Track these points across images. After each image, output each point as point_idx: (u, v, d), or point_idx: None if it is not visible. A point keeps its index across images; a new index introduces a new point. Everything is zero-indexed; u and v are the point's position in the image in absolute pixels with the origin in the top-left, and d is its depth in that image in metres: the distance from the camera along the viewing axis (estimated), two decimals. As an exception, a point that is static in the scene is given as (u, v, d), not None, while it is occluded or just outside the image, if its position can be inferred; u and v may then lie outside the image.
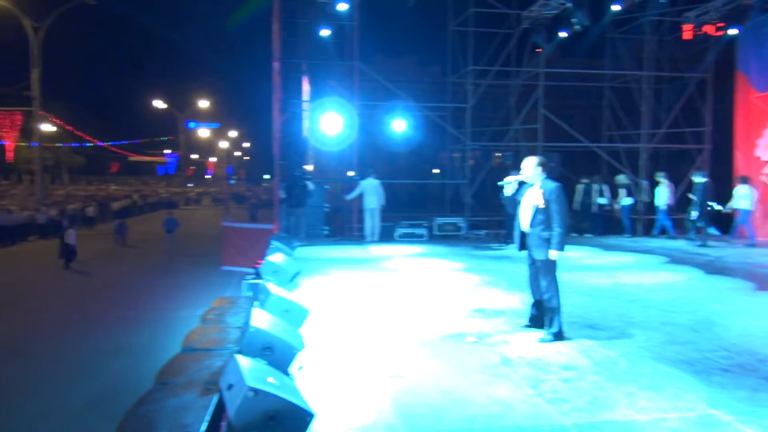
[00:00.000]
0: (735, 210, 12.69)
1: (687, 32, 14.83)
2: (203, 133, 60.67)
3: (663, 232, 14.12)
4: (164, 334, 9.55)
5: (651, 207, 14.55)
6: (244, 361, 3.20)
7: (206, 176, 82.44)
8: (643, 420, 3.49)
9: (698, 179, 12.37)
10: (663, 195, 13.93)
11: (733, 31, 13.79)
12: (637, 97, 16.03)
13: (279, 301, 4.99)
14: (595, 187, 14.89)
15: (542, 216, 5.16)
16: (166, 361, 4.18)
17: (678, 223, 14.14)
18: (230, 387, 3.08)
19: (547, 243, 5.16)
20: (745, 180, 12.84)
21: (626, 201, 14.58)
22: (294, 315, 5.03)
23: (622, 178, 14.94)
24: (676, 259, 10.45)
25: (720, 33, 14.24)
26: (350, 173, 15.28)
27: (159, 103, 53.79)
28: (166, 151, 70.08)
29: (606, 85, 17.33)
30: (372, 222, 13.58)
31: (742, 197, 12.58)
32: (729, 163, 15.04)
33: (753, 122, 14.28)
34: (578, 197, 14.72)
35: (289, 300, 5.12)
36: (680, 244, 12.68)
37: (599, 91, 17.74)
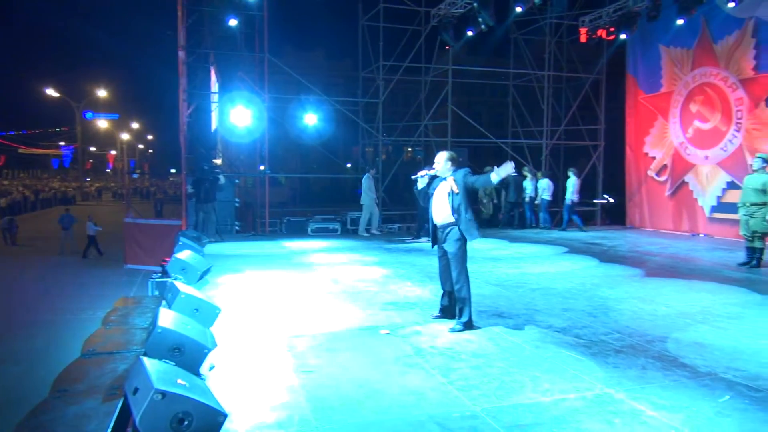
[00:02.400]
0: (572, 201, 14.35)
1: (583, 35, 15.73)
2: (102, 124, 57.21)
3: (569, 223, 14.94)
4: (62, 338, 8.95)
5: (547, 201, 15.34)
6: (150, 363, 3.06)
7: (107, 170, 77.90)
8: (547, 401, 3.68)
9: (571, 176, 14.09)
10: (569, 189, 14.77)
11: (623, 36, 14.77)
12: (538, 95, 16.82)
13: (188, 300, 4.81)
14: (543, 181, 15.52)
15: (459, 200, 5.30)
16: (64, 367, 3.92)
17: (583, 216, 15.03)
18: (136, 391, 2.93)
19: (470, 224, 5.27)
20: (573, 173, 14.32)
21: (546, 195, 15.26)
22: (204, 314, 4.87)
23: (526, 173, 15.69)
24: (575, 249, 11.10)
25: (611, 37, 15.20)
26: (261, 167, 15.00)
27: (52, 92, 50.16)
28: (61, 143, 65.50)
29: (510, 83, 18.03)
30: (365, 216, 13.77)
31: (570, 189, 14.31)
32: (620, 157, 16.15)
33: (641, 121, 15.39)
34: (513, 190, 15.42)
35: (199, 298, 4.95)
36: (579, 235, 13.48)
37: (504, 89, 18.42)
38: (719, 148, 12.87)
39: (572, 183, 14.78)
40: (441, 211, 5.40)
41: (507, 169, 4.99)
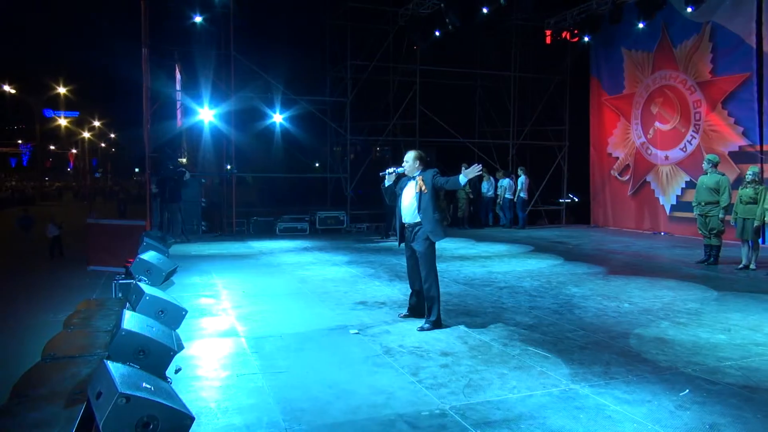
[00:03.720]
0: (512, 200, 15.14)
1: (548, 37, 15.99)
2: (63, 122, 55.67)
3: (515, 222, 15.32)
4: (22, 342, 8.66)
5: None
6: (114, 367, 3.00)
7: (68, 169, 75.84)
8: (514, 398, 3.73)
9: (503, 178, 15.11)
10: (518, 187, 15.10)
11: (587, 39, 15.06)
12: (505, 96, 17.01)
13: (153, 302, 4.73)
14: (503, 181, 15.69)
15: (427, 200, 5.33)
16: (24, 371, 3.80)
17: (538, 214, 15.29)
18: (99, 395, 2.86)
19: (437, 225, 5.31)
20: (522, 171, 15.07)
21: (508, 194, 15.49)
22: (170, 315, 4.79)
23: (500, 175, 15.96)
24: (541, 248, 11.28)
25: (575, 39, 15.49)
26: (228, 167, 14.82)
27: (8, 89, 48.54)
28: (19, 141, 63.46)
29: (478, 83, 18.20)
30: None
31: (519, 187, 15.08)
32: (585, 157, 16.46)
33: (605, 122, 15.72)
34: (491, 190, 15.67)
35: (164, 299, 4.87)
36: (545, 234, 13.69)
37: (472, 89, 18.58)
38: (678, 149, 13.24)
39: (521, 181, 15.14)
40: (409, 210, 5.42)
41: (474, 170, 5.04)
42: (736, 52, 11.70)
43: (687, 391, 3.87)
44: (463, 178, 5.12)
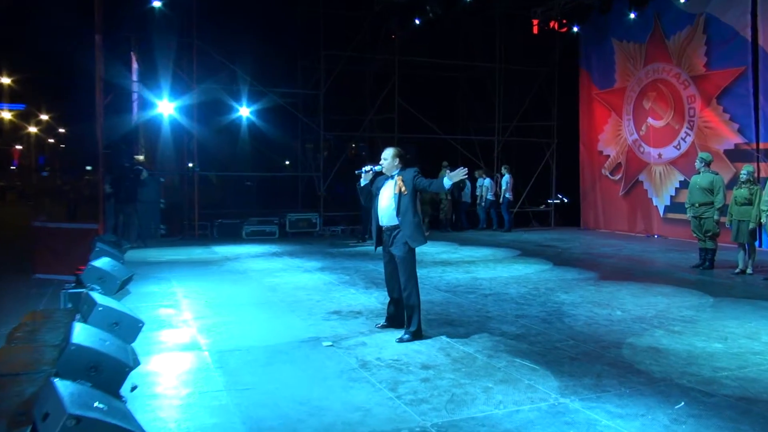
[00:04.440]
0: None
1: (535, 27, 16.15)
2: (6, 115, 54.53)
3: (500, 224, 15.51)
4: (-43, 358, 8.47)
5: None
6: (63, 385, 2.93)
7: (11, 167, 74.33)
8: (500, 414, 3.75)
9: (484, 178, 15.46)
10: (503, 187, 15.25)
11: (576, 29, 15.24)
12: (490, 89, 17.13)
13: (106, 313, 4.66)
14: (484, 181, 15.77)
15: (407, 202, 5.33)
16: (-40, 391, 3.71)
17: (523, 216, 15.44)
18: (46, 416, 2.80)
19: (417, 229, 5.32)
20: (506, 170, 15.48)
21: (490, 195, 15.62)
22: (125, 328, 4.72)
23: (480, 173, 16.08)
24: (528, 252, 11.38)
25: (564, 30, 15.67)
26: (190, 165, 14.67)
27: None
28: (-44, 137, 62.05)
29: (461, 76, 18.30)
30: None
31: (504, 187, 15.42)
32: (574, 155, 16.66)
33: (595, 118, 15.93)
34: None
35: (119, 311, 4.80)
36: (532, 237, 13.82)
37: (454, 82, 18.69)
38: (672, 146, 13.47)
39: (506, 181, 15.27)
40: (387, 212, 5.41)
41: (460, 174, 5.08)
42: (731, 45, 11.95)
43: (682, 403, 3.93)
44: (447, 182, 5.15)
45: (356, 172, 5.58)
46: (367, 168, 5.53)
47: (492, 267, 9.69)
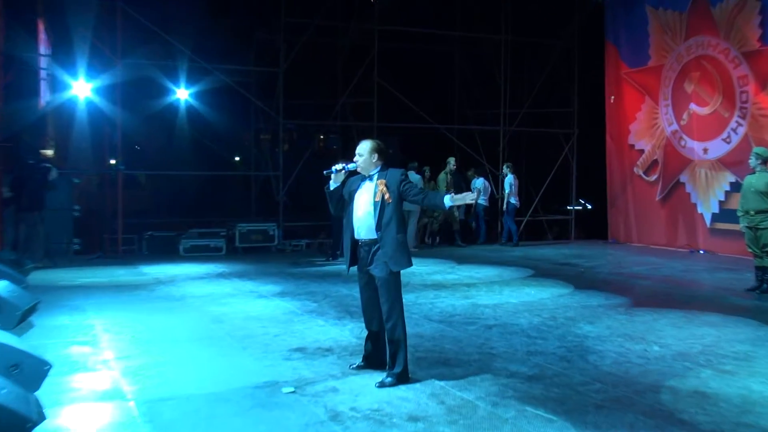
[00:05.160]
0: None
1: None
2: None
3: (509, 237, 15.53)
4: None
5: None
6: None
7: None
8: (508, 478, 3.73)
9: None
10: (506, 190, 15.29)
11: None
12: (494, 67, 17.21)
13: (2, 353, 4.58)
14: (475, 182, 15.81)
15: (391, 213, 5.30)
16: None
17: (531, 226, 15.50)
18: None
19: (400, 248, 5.30)
20: (508, 168, 15.53)
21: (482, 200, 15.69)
22: (27, 372, 4.64)
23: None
24: (543, 272, 11.42)
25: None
26: (113, 162, 14.54)
27: None
28: None
29: (457, 50, 18.38)
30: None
31: (508, 190, 15.53)
32: (600, 149, 16.78)
33: (625, 104, 16.08)
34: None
35: (20, 349, 4.72)
36: (546, 253, 13.89)
37: (449, 58, 18.77)
38: (721, 140, 13.62)
39: (509, 182, 15.27)
40: (365, 222, 5.38)
41: (467, 198, 5.17)
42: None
43: (737, 463, 3.94)
44: (448, 201, 5.21)
45: (324, 172, 5.54)
46: (338, 167, 5.48)
47: (497, 291, 9.70)
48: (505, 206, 15.55)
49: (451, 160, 15.47)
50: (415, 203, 5.48)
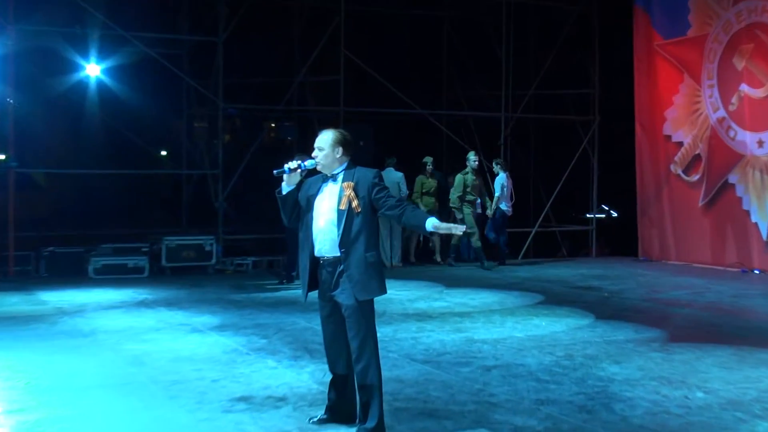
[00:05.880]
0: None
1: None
2: None
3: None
4: None
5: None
6: None
7: None
8: None
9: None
10: (496, 194, 15.25)
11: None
12: (492, 38, 17.26)
13: None
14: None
15: (359, 226, 5.25)
16: None
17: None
18: None
19: (371, 270, 5.26)
20: (499, 166, 15.27)
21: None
22: None
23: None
24: (555, 298, 11.45)
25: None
26: (2, 157, 14.39)
27: None
28: None
29: (446, 14, 18.39)
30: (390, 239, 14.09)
31: (498, 193, 15.19)
32: (627, 142, 16.85)
33: (659, 84, 16.14)
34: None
35: None
36: (561, 273, 13.93)
37: (436, 26, 18.78)
38: (781, 129, 13.75)
39: (500, 183, 15.15)
40: (327, 235, 5.33)
41: (451, 230, 5.29)
42: None
43: None
44: (430, 225, 5.10)
45: (275, 172, 5.45)
46: (293, 165, 5.40)
47: (498, 322, 9.69)
48: (493, 212, 15.38)
49: (472, 156, 15.13)
50: (393, 218, 5.39)
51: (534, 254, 16.47)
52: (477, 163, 15.14)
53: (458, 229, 5.32)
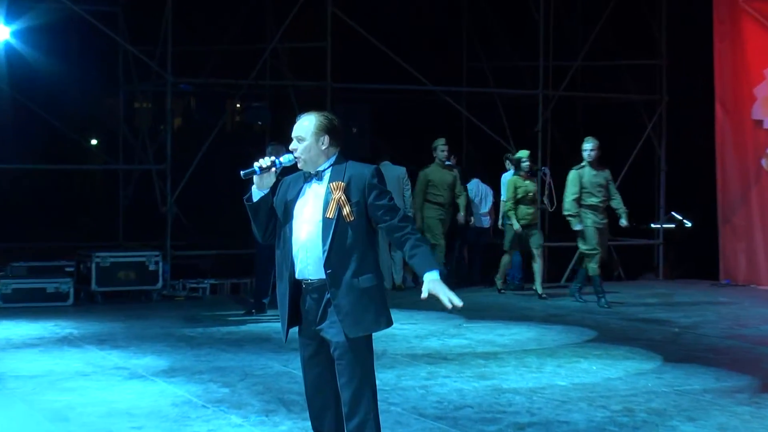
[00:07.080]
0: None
1: None
2: None
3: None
4: None
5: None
6: None
7: None
8: None
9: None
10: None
11: None
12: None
13: None
14: (469, 184, 15.87)
15: (350, 240, 5.23)
16: None
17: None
18: None
19: (365, 299, 5.24)
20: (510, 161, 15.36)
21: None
22: None
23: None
24: (610, 333, 11.45)
25: None
26: None
27: None
28: None
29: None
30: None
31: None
32: (705, 129, 16.87)
33: (747, 55, 16.17)
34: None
35: None
36: (618, 300, 13.95)
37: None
38: None
39: (511, 184, 15.19)
40: (312, 251, 5.33)
41: (445, 297, 5.03)
42: None
43: None
44: (428, 279, 5.00)
45: (242, 173, 5.39)
46: (265, 162, 5.37)
47: (534, 366, 9.69)
48: (501, 222, 15.40)
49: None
50: (388, 235, 5.32)
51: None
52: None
53: (458, 305, 5.05)
